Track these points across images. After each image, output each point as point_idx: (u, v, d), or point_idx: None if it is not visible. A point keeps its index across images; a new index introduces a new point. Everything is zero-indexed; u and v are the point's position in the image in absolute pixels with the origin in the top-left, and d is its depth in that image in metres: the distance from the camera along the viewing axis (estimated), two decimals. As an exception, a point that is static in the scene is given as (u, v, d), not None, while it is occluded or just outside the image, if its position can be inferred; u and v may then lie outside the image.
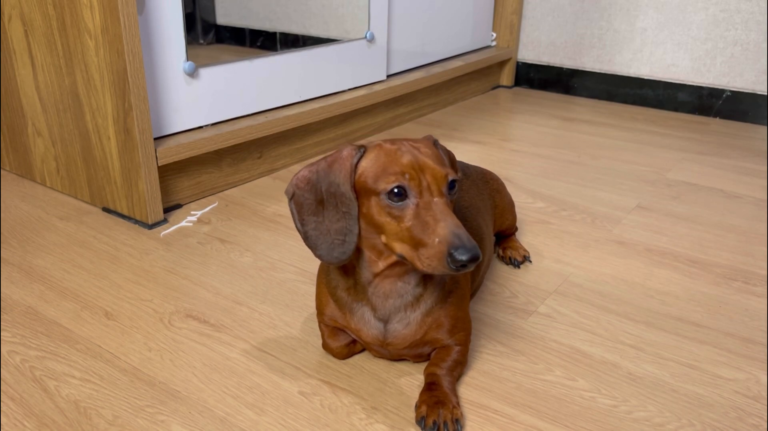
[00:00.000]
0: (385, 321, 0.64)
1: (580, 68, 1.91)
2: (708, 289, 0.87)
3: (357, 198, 0.59)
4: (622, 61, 1.83)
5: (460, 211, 0.75)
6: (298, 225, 0.61)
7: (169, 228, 1.02)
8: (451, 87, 1.79)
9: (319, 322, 0.71)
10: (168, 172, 1.06)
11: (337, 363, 0.71)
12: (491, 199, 0.88)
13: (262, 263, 0.92)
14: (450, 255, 0.53)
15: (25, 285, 0.85)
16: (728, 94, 1.70)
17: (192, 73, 1.05)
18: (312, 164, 0.62)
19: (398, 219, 0.56)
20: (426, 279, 0.63)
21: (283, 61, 1.23)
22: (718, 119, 1.73)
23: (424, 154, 0.58)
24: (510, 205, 0.94)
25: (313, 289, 0.85)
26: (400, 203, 0.56)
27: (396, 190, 0.56)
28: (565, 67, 1.94)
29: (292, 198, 0.61)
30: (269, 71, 1.21)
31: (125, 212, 1.04)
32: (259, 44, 1.84)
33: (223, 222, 1.05)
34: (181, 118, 1.07)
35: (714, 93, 1.72)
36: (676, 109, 1.79)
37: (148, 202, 1.00)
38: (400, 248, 0.57)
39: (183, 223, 1.04)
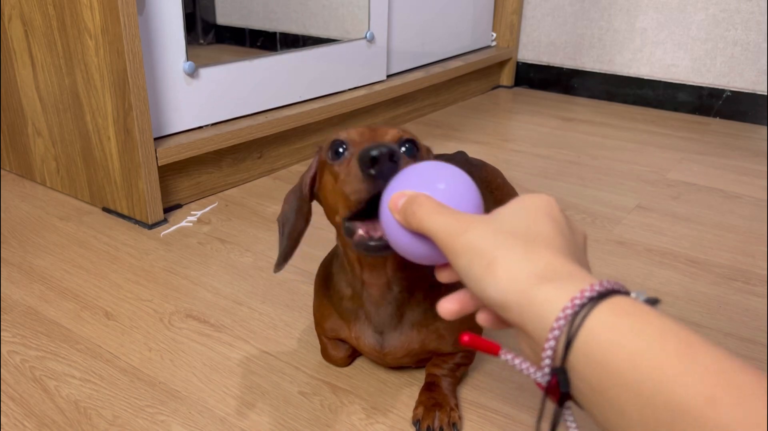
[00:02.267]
0: (380, 331, 0.62)
1: (580, 68, 1.91)
2: (708, 289, 0.87)
3: (320, 196, 0.56)
4: (622, 61, 1.83)
5: None
6: (280, 244, 0.60)
7: (169, 228, 1.02)
8: (451, 87, 1.79)
9: (319, 334, 0.70)
10: (168, 172, 1.06)
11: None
12: (491, 194, 0.87)
13: (263, 263, 0.92)
14: (359, 159, 0.45)
15: (25, 285, 0.85)
16: (728, 94, 1.70)
17: (192, 73, 1.05)
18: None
19: (337, 175, 0.51)
20: (410, 283, 0.59)
21: (283, 61, 1.23)
22: (718, 119, 1.73)
23: (379, 125, 0.55)
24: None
25: (312, 289, 0.85)
26: (338, 159, 0.51)
27: (335, 148, 0.52)
28: (565, 67, 1.94)
29: (280, 220, 0.61)
30: (269, 71, 1.21)
31: (125, 212, 1.04)
32: (259, 44, 1.84)
33: (223, 223, 1.05)
34: (181, 118, 1.07)
35: (714, 93, 1.72)
36: (676, 109, 1.79)
37: (148, 202, 1.00)
38: (343, 210, 0.50)
39: (183, 223, 1.04)
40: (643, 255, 0.97)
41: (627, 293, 0.32)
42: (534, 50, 1.98)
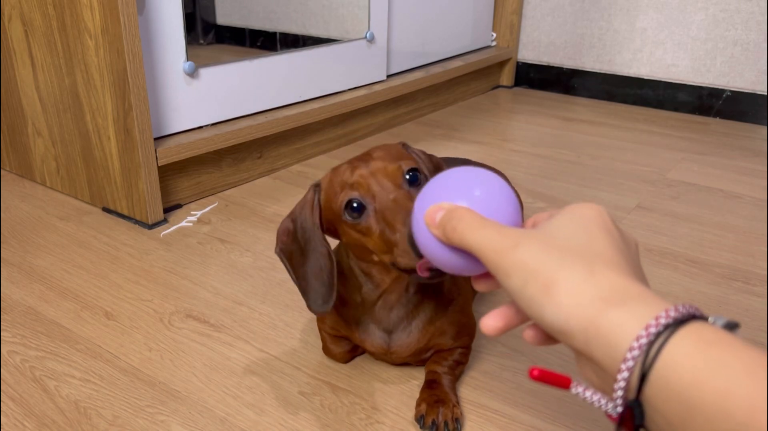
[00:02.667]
0: (389, 332, 0.64)
1: (580, 68, 1.91)
2: (708, 289, 0.87)
3: (336, 231, 0.58)
4: (622, 61, 1.83)
5: None
6: (293, 277, 0.59)
7: (169, 228, 1.02)
8: (451, 87, 1.79)
9: (320, 329, 0.71)
10: (168, 172, 1.06)
11: (337, 363, 0.71)
12: None
13: (262, 263, 0.92)
14: (413, 245, 0.46)
15: (25, 285, 0.85)
16: (728, 94, 1.70)
17: (192, 73, 1.05)
18: (290, 213, 0.61)
19: (368, 232, 0.53)
20: (423, 286, 0.62)
21: (283, 61, 1.23)
22: (718, 119, 1.73)
23: (376, 157, 0.55)
24: None
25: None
26: (360, 218, 0.53)
27: (351, 206, 0.53)
28: (565, 67, 1.94)
29: (281, 252, 0.60)
30: (269, 71, 1.21)
31: (125, 212, 1.04)
32: (259, 44, 1.84)
33: (223, 223, 1.05)
34: (181, 118, 1.07)
35: (714, 93, 1.72)
36: (676, 109, 1.79)
37: (148, 202, 1.00)
38: (387, 258, 0.53)
39: (183, 223, 1.04)
40: (644, 255, 0.97)
41: (704, 318, 0.29)
42: (534, 50, 1.98)
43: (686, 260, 0.95)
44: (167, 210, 1.07)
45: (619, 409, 0.29)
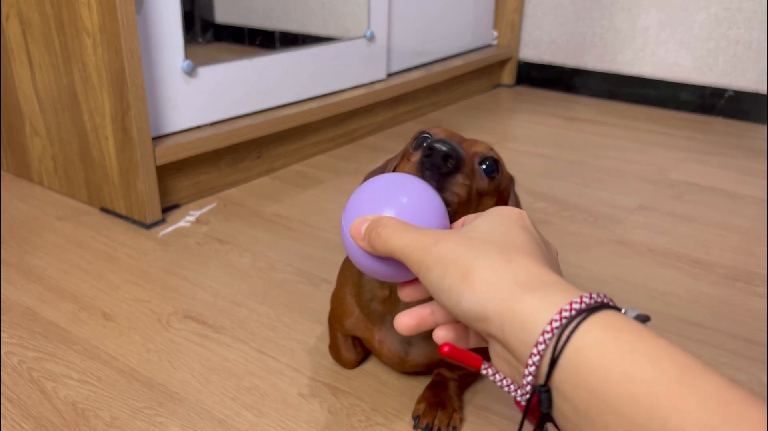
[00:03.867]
0: (408, 341, 0.61)
1: (581, 67, 1.90)
2: (710, 290, 0.87)
3: None
4: (624, 60, 1.82)
5: None
6: None
7: (167, 228, 1.01)
8: (452, 86, 1.78)
9: (334, 332, 0.68)
10: (166, 172, 1.05)
11: (337, 364, 0.70)
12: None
13: (261, 264, 0.91)
14: (425, 146, 0.46)
15: (22, 285, 0.84)
16: (731, 93, 1.69)
17: (190, 72, 1.05)
18: None
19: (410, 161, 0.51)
20: None
21: (282, 60, 1.23)
22: (720, 118, 1.72)
23: (472, 138, 0.54)
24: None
25: (312, 290, 0.85)
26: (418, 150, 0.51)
27: (420, 139, 0.51)
28: (566, 66, 1.93)
29: None
30: (268, 70, 1.20)
31: (123, 212, 1.04)
32: (258, 43, 1.83)
33: (221, 223, 1.04)
34: (179, 118, 1.06)
35: (716, 92, 1.71)
36: (678, 109, 1.78)
37: (146, 202, 1.00)
38: None
39: (181, 223, 1.03)
40: (645, 255, 0.96)
41: (617, 308, 0.30)
42: (535, 49, 1.97)
43: (688, 260, 0.95)
44: (165, 210, 1.07)
45: (527, 396, 0.30)
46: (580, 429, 0.28)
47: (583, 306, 0.28)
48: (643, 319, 0.30)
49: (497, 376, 0.32)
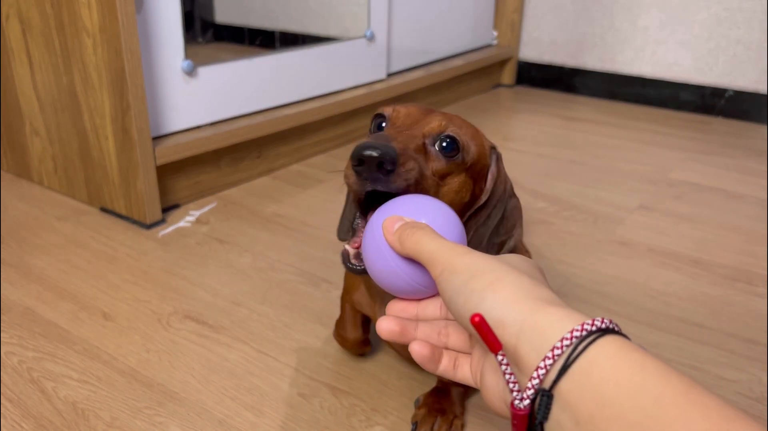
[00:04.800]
0: None
1: (581, 67, 1.90)
2: (710, 290, 0.87)
3: None
4: (624, 60, 1.82)
5: None
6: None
7: (167, 228, 1.01)
8: (452, 86, 1.78)
9: (344, 304, 0.66)
10: (166, 172, 1.05)
11: (337, 364, 0.70)
12: None
13: (261, 264, 0.91)
14: (352, 153, 0.44)
15: (22, 285, 0.84)
16: (731, 93, 1.69)
17: (190, 72, 1.05)
18: None
19: None
20: None
21: (282, 60, 1.23)
22: (720, 118, 1.72)
23: (438, 112, 0.52)
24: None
25: (312, 290, 0.85)
26: (374, 133, 0.50)
27: (377, 122, 0.51)
28: (566, 65, 1.93)
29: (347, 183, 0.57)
30: (268, 70, 1.20)
31: (123, 212, 1.04)
32: (258, 43, 1.83)
33: (221, 223, 1.04)
34: (179, 118, 1.06)
35: (716, 92, 1.71)
36: (678, 109, 1.78)
37: (146, 202, 0.99)
38: None
39: (181, 223, 1.03)
40: (646, 255, 0.96)
41: (627, 338, 0.31)
42: (535, 49, 1.97)
43: (688, 260, 0.95)
44: (165, 210, 1.07)
45: (526, 401, 0.30)
46: None
47: (603, 326, 0.30)
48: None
49: (508, 368, 0.32)
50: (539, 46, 1.96)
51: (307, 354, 0.72)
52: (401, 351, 0.64)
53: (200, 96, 1.08)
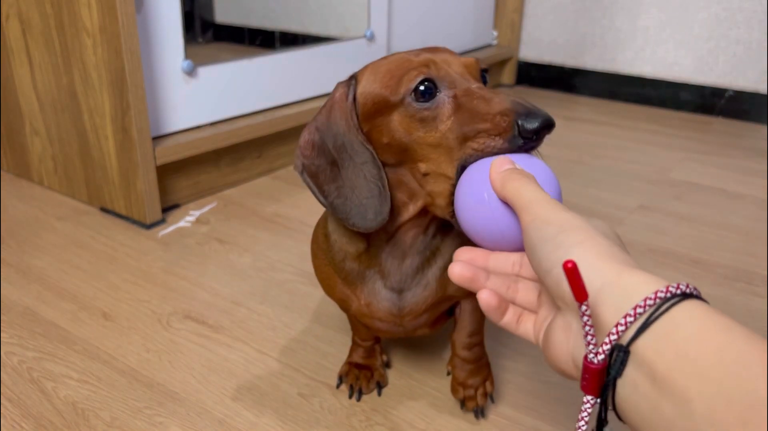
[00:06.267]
0: (399, 290, 0.54)
1: (581, 67, 1.90)
2: (710, 290, 0.87)
3: (370, 134, 0.48)
4: (624, 59, 1.82)
5: None
6: (321, 198, 0.50)
7: (167, 228, 1.01)
8: (452, 86, 1.78)
9: (341, 308, 0.63)
10: (166, 172, 1.05)
11: (337, 364, 0.70)
12: None
13: (261, 263, 0.91)
14: (517, 124, 0.41)
15: (22, 285, 0.84)
16: (731, 93, 1.69)
17: (190, 72, 1.05)
18: (311, 121, 0.51)
19: (435, 121, 0.44)
20: (444, 229, 0.53)
21: (283, 60, 1.23)
22: (720, 118, 1.72)
23: (442, 50, 0.48)
24: None
25: (312, 290, 0.85)
26: (431, 101, 0.44)
27: (423, 87, 0.44)
28: (566, 65, 1.93)
29: (303, 170, 0.50)
30: (268, 70, 1.20)
31: (123, 212, 1.04)
32: (258, 43, 1.83)
33: (221, 223, 1.04)
34: (179, 118, 1.06)
35: (716, 92, 1.71)
36: (678, 109, 1.78)
37: (146, 202, 0.99)
38: (447, 162, 0.44)
39: (181, 223, 1.03)
40: (646, 255, 0.96)
41: (707, 302, 0.32)
42: (535, 49, 1.97)
43: (689, 260, 0.95)
44: (165, 210, 1.07)
45: (601, 356, 0.30)
46: (648, 398, 0.28)
47: (687, 290, 0.30)
48: None
49: (590, 320, 0.32)
50: (539, 46, 1.96)
51: (307, 354, 0.72)
52: (394, 329, 0.58)
53: (200, 96, 1.08)
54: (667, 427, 0.27)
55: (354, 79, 0.49)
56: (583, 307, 0.32)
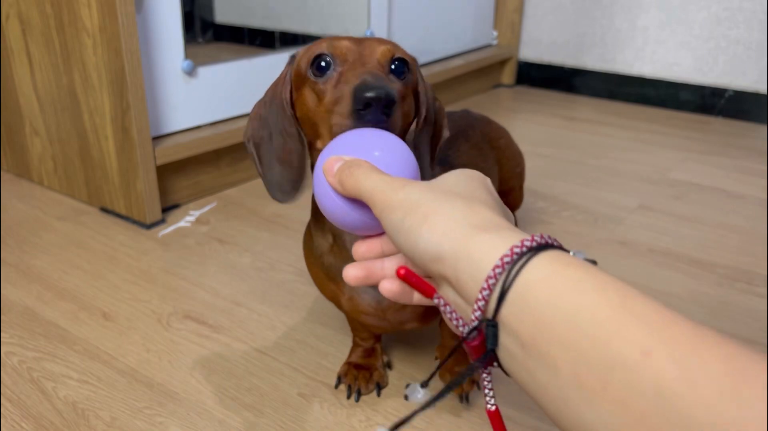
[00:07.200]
0: None
1: (581, 67, 1.90)
2: (710, 290, 0.87)
3: (298, 111, 0.50)
4: (624, 59, 1.82)
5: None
6: (259, 168, 0.52)
7: (167, 228, 1.01)
8: (452, 86, 1.78)
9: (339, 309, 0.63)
10: (166, 172, 1.05)
11: (337, 364, 0.70)
12: (492, 151, 0.82)
13: (261, 264, 0.91)
14: (353, 95, 0.42)
15: (22, 285, 0.84)
16: (731, 93, 1.69)
17: (190, 72, 1.05)
18: (264, 94, 0.54)
19: (324, 95, 0.46)
20: None
21: (283, 60, 1.22)
22: (720, 118, 1.72)
23: (370, 38, 0.49)
24: (514, 165, 0.88)
25: (312, 290, 0.85)
26: (324, 77, 0.46)
27: (319, 62, 0.46)
28: (566, 65, 1.93)
29: (249, 140, 0.53)
30: (268, 70, 1.20)
31: (123, 212, 1.04)
32: (258, 43, 1.83)
33: (221, 223, 1.04)
34: (179, 118, 1.06)
35: (716, 92, 1.71)
36: (678, 109, 1.78)
37: (146, 202, 0.99)
38: (328, 139, 0.44)
39: (181, 223, 1.03)
40: (646, 255, 0.96)
41: (566, 250, 0.31)
42: (535, 49, 1.97)
43: (688, 260, 0.95)
44: (165, 210, 1.07)
45: (475, 333, 0.30)
46: (523, 365, 0.28)
47: (534, 244, 0.29)
48: (591, 262, 0.31)
49: (447, 308, 0.32)
50: (539, 46, 1.96)
51: (307, 354, 0.72)
52: (378, 322, 0.59)
53: (200, 96, 1.08)
54: (545, 392, 0.27)
55: (293, 57, 0.52)
56: (435, 301, 0.32)
